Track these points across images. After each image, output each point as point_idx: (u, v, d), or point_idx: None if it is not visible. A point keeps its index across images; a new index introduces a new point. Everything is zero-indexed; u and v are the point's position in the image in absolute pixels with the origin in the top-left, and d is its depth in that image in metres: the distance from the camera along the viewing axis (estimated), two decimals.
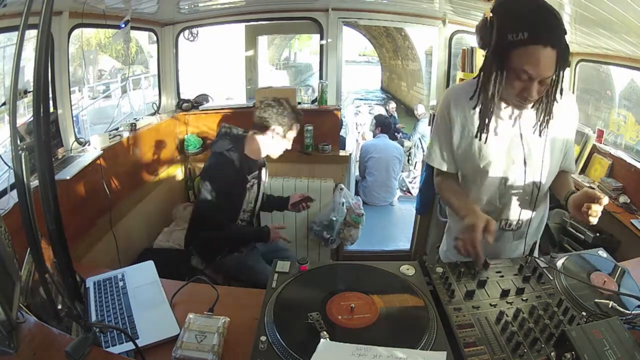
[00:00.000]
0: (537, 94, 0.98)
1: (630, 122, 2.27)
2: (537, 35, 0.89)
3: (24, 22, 0.59)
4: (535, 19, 0.90)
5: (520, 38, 0.89)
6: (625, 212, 1.90)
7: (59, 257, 0.70)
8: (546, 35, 0.90)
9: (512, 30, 0.90)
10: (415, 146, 6.17)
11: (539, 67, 0.91)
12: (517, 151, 1.10)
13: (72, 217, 1.75)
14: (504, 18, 0.93)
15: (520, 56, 0.92)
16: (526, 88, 0.96)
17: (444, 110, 1.15)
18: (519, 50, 0.91)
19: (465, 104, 1.10)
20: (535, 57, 0.90)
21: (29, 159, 0.65)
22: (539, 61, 0.90)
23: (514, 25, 0.91)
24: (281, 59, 15.08)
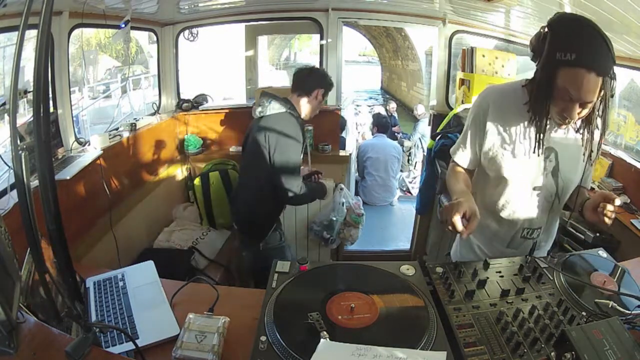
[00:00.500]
0: (577, 117, 0.99)
1: (630, 122, 2.27)
2: (584, 59, 0.90)
3: (24, 22, 0.59)
4: (586, 43, 0.91)
5: (568, 58, 0.90)
6: (625, 212, 1.90)
7: (59, 257, 0.70)
8: (593, 60, 0.90)
9: (562, 49, 0.91)
10: (415, 146, 6.17)
11: (581, 90, 0.92)
12: (548, 161, 1.12)
13: (72, 217, 1.74)
14: (557, 35, 0.94)
15: (566, 76, 0.93)
16: (566, 109, 0.98)
17: (480, 113, 1.15)
18: (565, 70, 0.92)
19: (506, 111, 1.11)
20: (579, 80, 0.91)
21: (29, 159, 0.65)
22: (582, 84, 0.91)
23: (564, 45, 0.91)
24: (281, 59, 15.09)
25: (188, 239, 2.34)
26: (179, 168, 2.83)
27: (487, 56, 2.55)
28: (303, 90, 1.87)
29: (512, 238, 1.22)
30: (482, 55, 2.54)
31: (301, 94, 1.87)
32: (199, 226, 2.55)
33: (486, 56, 2.55)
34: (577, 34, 0.92)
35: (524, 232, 1.21)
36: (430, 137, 2.84)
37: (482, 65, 2.54)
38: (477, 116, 1.16)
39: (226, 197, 2.60)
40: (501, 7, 2.09)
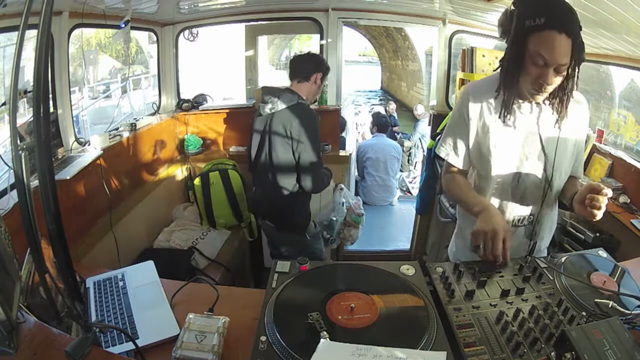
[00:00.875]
0: (553, 83, 0.99)
1: (630, 122, 2.27)
2: (553, 21, 0.92)
3: (24, 22, 0.59)
4: (553, 6, 0.93)
5: (537, 23, 0.93)
6: (625, 212, 1.90)
7: (59, 257, 0.70)
8: (562, 21, 0.92)
9: (530, 16, 0.94)
10: (415, 146, 6.17)
11: (554, 52, 0.94)
12: (532, 147, 1.12)
13: (72, 217, 1.74)
14: (522, 5, 0.96)
15: (537, 41, 0.94)
16: (542, 74, 0.98)
17: (462, 106, 1.17)
18: (536, 35, 0.94)
19: (483, 98, 1.12)
20: (551, 42, 0.93)
21: (29, 159, 0.65)
22: (554, 46, 0.93)
23: (531, 11, 0.94)
24: (281, 59, 15.08)
25: (188, 239, 2.34)
26: (179, 168, 2.83)
27: (487, 56, 2.55)
28: (302, 76, 1.88)
29: None
30: (482, 55, 2.55)
31: (301, 80, 1.88)
32: (199, 226, 2.55)
33: (486, 56, 2.55)
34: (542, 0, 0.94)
35: (515, 221, 1.20)
36: (430, 137, 2.84)
37: (482, 65, 2.54)
38: (460, 112, 1.17)
39: (226, 197, 2.61)
40: (501, 7, 2.08)
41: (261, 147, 1.90)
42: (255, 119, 1.94)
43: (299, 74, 1.89)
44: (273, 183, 1.89)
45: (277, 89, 1.84)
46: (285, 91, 1.82)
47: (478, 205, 1.11)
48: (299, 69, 1.89)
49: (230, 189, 2.61)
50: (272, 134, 1.81)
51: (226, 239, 2.53)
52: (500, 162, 1.14)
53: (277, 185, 1.88)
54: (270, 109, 1.81)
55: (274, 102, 1.79)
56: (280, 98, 1.79)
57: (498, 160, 1.14)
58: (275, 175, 1.88)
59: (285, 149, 1.80)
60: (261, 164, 1.92)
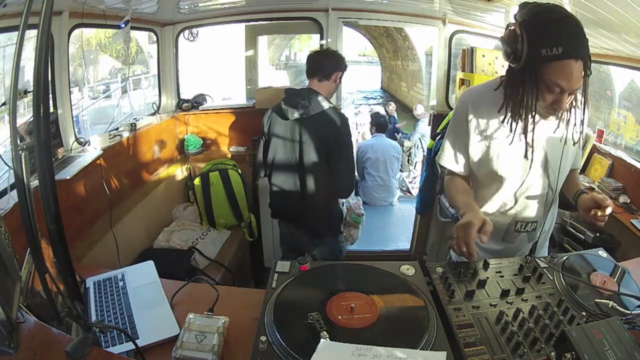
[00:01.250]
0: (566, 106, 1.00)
1: (630, 123, 2.27)
2: (570, 50, 0.91)
3: (24, 22, 0.59)
4: (568, 34, 0.92)
5: (555, 53, 0.91)
6: (625, 212, 1.90)
7: (59, 257, 0.70)
8: (578, 49, 0.92)
9: (546, 45, 0.91)
10: (415, 146, 6.18)
11: (572, 81, 0.94)
12: (536, 156, 1.11)
13: (72, 217, 1.74)
14: (535, 32, 0.94)
15: (554, 70, 0.93)
16: (557, 100, 0.98)
17: (461, 114, 1.16)
18: (553, 64, 0.93)
19: (484, 109, 1.11)
20: (569, 71, 0.93)
21: (29, 159, 0.65)
22: (572, 75, 0.93)
23: (547, 41, 0.92)
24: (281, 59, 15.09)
25: (188, 239, 2.34)
26: (179, 168, 2.83)
27: (487, 56, 2.55)
28: (323, 75, 1.80)
29: (506, 231, 1.22)
30: (482, 55, 2.55)
31: (321, 78, 1.80)
32: (199, 226, 2.55)
33: (486, 56, 2.55)
34: (557, 27, 0.92)
35: (518, 226, 1.21)
36: (430, 137, 2.84)
37: (482, 65, 2.54)
38: (459, 121, 1.17)
39: (226, 197, 2.61)
40: (501, 7, 2.09)
41: (289, 153, 1.80)
42: (271, 122, 1.84)
43: (319, 73, 1.80)
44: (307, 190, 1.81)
45: (304, 91, 1.77)
46: (312, 94, 1.75)
47: (464, 207, 1.11)
48: (319, 67, 1.81)
49: (230, 189, 2.61)
50: (305, 139, 1.74)
51: (226, 239, 2.53)
52: (503, 172, 1.14)
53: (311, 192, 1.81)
54: (302, 114, 1.72)
55: (306, 106, 1.72)
56: (312, 103, 1.72)
57: (502, 169, 1.14)
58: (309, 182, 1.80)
59: (320, 155, 1.74)
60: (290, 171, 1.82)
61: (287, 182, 1.85)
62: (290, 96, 1.77)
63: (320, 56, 1.85)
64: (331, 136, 1.74)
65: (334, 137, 1.74)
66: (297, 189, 1.83)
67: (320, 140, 1.73)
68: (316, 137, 1.73)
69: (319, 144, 1.74)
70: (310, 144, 1.74)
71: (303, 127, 1.74)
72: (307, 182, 1.80)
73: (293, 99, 1.74)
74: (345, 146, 1.77)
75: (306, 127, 1.74)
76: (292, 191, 1.84)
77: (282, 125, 1.80)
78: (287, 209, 1.94)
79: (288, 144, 1.80)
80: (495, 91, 1.10)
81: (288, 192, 1.86)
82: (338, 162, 1.77)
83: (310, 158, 1.76)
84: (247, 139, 2.85)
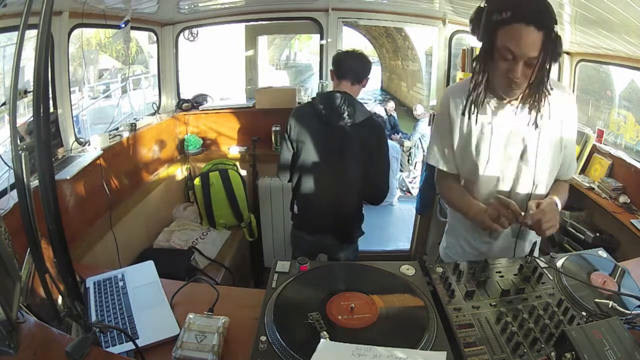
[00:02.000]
0: (523, 77, 0.97)
1: (630, 123, 2.27)
2: (519, 14, 0.91)
3: (24, 22, 0.59)
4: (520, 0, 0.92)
5: (504, 17, 0.92)
6: (625, 212, 1.90)
7: (59, 257, 0.70)
8: (530, 14, 0.91)
9: (497, 10, 0.93)
10: (415, 146, 6.18)
11: (520, 45, 0.92)
12: (514, 148, 1.11)
13: (72, 217, 1.75)
14: (492, 1, 0.96)
15: (504, 35, 0.93)
16: (511, 69, 0.96)
17: (444, 109, 1.17)
18: (504, 29, 0.93)
19: (462, 99, 1.11)
20: (518, 35, 0.92)
21: (29, 159, 0.65)
22: (521, 38, 0.92)
23: (499, 5, 0.93)
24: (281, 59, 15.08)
25: (188, 239, 2.34)
26: (179, 168, 2.84)
27: None
28: (356, 79, 1.73)
29: None
30: None
31: (354, 82, 1.72)
32: (199, 226, 2.55)
33: None
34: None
35: None
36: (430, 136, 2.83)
37: None
38: (443, 117, 1.17)
39: (226, 197, 2.61)
40: None
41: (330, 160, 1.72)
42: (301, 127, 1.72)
43: (353, 76, 1.72)
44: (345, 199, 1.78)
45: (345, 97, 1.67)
46: (354, 100, 1.70)
47: (472, 209, 1.12)
48: (354, 71, 1.73)
49: (230, 189, 2.61)
50: (350, 147, 1.69)
51: (226, 239, 2.53)
52: (484, 164, 1.13)
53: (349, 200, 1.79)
54: (347, 122, 1.66)
55: (351, 114, 1.65)
56: (357, 109, 1.67)
57: (482, 162, 1.13)
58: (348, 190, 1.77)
59: (362, 163, 1.72)
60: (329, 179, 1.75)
61: (324, 191, 1.77)
62: (329, 101, 1.68)
63: (356, 58, 1.75)
64: (375, 143, 1.71)
65: (378, 144, 1.72)
66: (335, 198, 1.77)
67: (365, 147, 1.70)
68: (362, 144, 1.69)
69: (363, 151, 1.70)
70: (355, 151, 1.70)
71: (349, 134, 1.67)
72: (346, 190, 1.76)
73: (334, 105, 1.66)
74: (386, 153, 1.77)
75: (353, 135, 1.67)
76: (327, 200, 1.78)
77: (322, 131, 1.70)
78: (320, 218, 1.84)
79: (329, 151, 1.71)
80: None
81: (325, 202, 1.78)
82: (379, 169, 1.75)
83: (353, 166, 1.72)
84: (247, 139, 2.85)
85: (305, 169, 1.76)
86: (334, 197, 1.76)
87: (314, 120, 1.70)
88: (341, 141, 1.68)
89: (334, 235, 1.85)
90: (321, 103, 1.69)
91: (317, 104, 1.69)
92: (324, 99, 1.70)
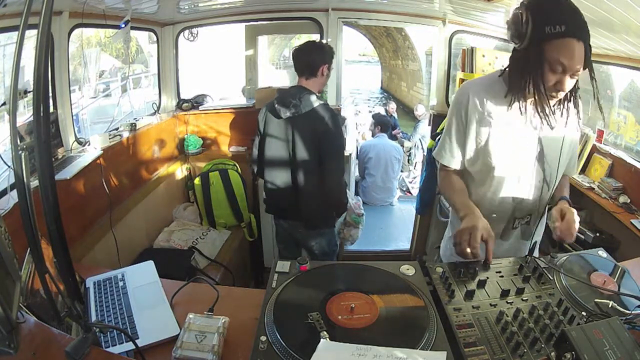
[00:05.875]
0: (568, 88, 1.00)
1: (630, 123, 2.27)
2: (573, 29, 0.94)
3: (24, 22, 0.59)
4: (571, 14, 0.95)
5: (558, 30, 0.93)
6: (625, 212, 1.90)
7: (59, 257, 0.70)
8: (580, 30, 0.94)
9: (550, 23, 0.94)
10: (416, 146, 6.17)
11: (574, 60, 0.95)
12: (532, 149, 1.12)
13: (72, 217, 1.74)
14: (539, 11, 0.97)
15: (557, 48, 0.95)
16: (560, 81, 0.99)
17: (460, 107, 1.15)
18: (556, 42, 0.95)
19: (484, 97, 1.11)
20: (571, 50, 0.94)
21: (29, 159, 0.65)
22: (574, 53, 0.94)
23: (552, 18, 0.94)
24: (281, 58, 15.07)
25: (188, 239, 2.34)
26: (179, 168, 2.83)
27: (487, 56, 2.55)
28: (310, 73, 1.81)
29: (505, 229, 1.22)
30: (482, 55, 2.54)
31: (309, 76, 1.81)
32: (199, 226, 2.55)
33: (486, 56, 2.55)
34: (561, 7, 0.96)
35: (515, 222, 1.21)
36: (431, 137, 2.84)
37: (482, 65, 2.54)
38: (459, 112, 1.16)
39: (226, 197, 2.61)
40: (501, 7, 2.09)
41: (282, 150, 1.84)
42: (265, 121, 1.88)
43: (305, 71, 1.81)
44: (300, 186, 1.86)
45: (294, 90, 1.78)
46: (303, 92, 1.77)
47: (463, 209, 1.11)
48: (304, 65, 1.82)
49: (230, 189, 2.61)
50: (296, 137, 1.78)
51: (226, 239, 2.53)
52: (500, 164, 1.14)
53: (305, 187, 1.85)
54: (293, 113, 1.75)
55: (297, 105, 1.74)
56: (303, 101, 1.74)
57: (498, 161, 1.13)
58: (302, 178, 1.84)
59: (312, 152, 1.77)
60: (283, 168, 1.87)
61: (280, 179, 1.90)
62: (281, 95, 1.80)
63: (303, 53, 1.83)
64: (321, 132, 1.76)
65: (324, 132, 1.76)
66: (290, 185, 1.88)
67: (312, 137, 1.77)
68: (307, 134, 1.77)
69: (310, 141, 1.77)
70: (301, 141, 1.78)
71: (295, 125, 1.78)
72: (299, 178, 1.84)
73: (284, 98, 1.78)
74: (334, 140, 1.79)
75: (298, 125, 1.78)
76: (285, 187, 1.90)
77: (276, 123, 1.84)
78: (281, 204, 1.99)
79: (281, 142, 1.84)
80: (497, 80, 1.11)
81: (282, 189, 1.91)
82: (328, 155, 1.79)
83: (302, 155, 1.79)
84: (247, 139, 2.85)
85: (267, 158, 1.92)
86: (288, 185, 1.88)
87: (272, 113, 1.84)
88: (289, 133, 1.80)
89: (300, 220, 1.95)
90: (276, 98, 1.82)
91: (274, 99, 1.83)
92: (278, 94, 1.83)
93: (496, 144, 1.12)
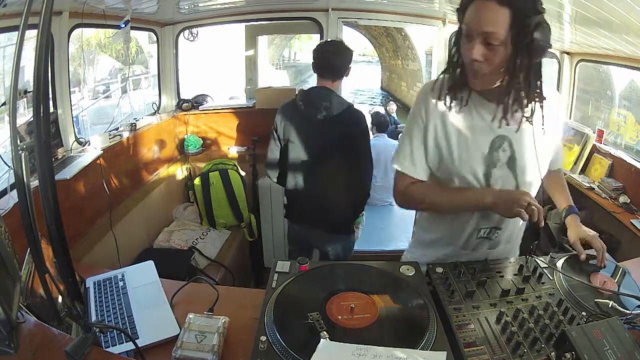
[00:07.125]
0: (483, 58, 0.86)
1: (630, 122, 2.27)
2: None
3: (24, 22, 0.59)
4: None
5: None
6: (625, 212, 1.90)
7: (59, 257, 0.70)
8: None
9: None
10: None
11: (475, 19, 0.84)
12: (501, 153, 0.99)
13: (72, 217, 1.74)
14: None
15: (470, 11, 0.86)
16: (468, 47, 0.87)
17: (420, 107, 1.03)
18: (471, 6, 0.86)
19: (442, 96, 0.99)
20: (477, 10, 0.84)
21: (29, 159, 0.65)
22: (479, 12, 0.83)
23: None
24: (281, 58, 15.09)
25: (188, 239, 2.34)
26: (179, 168, 2.84)
27: None
28: (337, 75, 1.77)
29: (467, 240, 1.09)
30: None
31: (335, 79, 1.77)
32: (199, 226, 2.55)
33: None
34: None
35: (481, 233, 1.07)
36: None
37: None
38: (416, 112, 1.04)
39: (226, 197, 2.61)
40: None
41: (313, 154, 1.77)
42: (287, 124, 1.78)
43: (332, 73, 1.76)
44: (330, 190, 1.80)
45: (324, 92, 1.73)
46: (331, 93, 1.73)
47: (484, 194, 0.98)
48: (334, 67, 1.76)
49: (230, 189, 2.61)
50: (330, 140, 1.73)
51: (226, 239, 2.54)
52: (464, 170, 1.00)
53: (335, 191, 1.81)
54: (325, 116, 1.70)
55: (327, 108, 1.70)
56: (333, 104, 1.71)
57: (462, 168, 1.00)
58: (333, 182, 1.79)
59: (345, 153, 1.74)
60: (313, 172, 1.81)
61: (307, 184, 1.83)
62: (308, 97, 1.74)
63: (333, 54, 1.76)
64: (356, 133, 1.74)
65: (360, 133, 1.75)
66: (317, 190, 1.82)
67: (343, 139, 1.73)
68: (339, 136, 1.72)
69: (341, 144, 1.73)
70: (333, 144, 1.73)
71: (326, 127, 1.72)
72: (328, 182, 1.79)
73: (314, 100, 1.72)
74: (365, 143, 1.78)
75: (329, 128, 1.72)
76: (312, 192, 1.83)
77: (304, 127, 1.76)
78: (307, 209, 1.91)
79: (312, 144, 1.77)
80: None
81: (308, 194, 1.84)
82: (362, 157, 1.77)
83: (332, 158, 1.76)
84: (247, 139, 2.86)
85: (292, 162, 1.83)
86: (319, 187, 1.82)
87: (297, 116, 1.77)
88: (321, 134, 1.74)
89: (321, 226, 1.90)
90: (301, 99, 1.76)
91: (298, 100, 1.77)
92: (303, 95, 1.77)
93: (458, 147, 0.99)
